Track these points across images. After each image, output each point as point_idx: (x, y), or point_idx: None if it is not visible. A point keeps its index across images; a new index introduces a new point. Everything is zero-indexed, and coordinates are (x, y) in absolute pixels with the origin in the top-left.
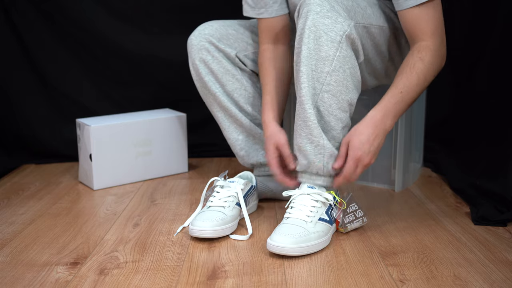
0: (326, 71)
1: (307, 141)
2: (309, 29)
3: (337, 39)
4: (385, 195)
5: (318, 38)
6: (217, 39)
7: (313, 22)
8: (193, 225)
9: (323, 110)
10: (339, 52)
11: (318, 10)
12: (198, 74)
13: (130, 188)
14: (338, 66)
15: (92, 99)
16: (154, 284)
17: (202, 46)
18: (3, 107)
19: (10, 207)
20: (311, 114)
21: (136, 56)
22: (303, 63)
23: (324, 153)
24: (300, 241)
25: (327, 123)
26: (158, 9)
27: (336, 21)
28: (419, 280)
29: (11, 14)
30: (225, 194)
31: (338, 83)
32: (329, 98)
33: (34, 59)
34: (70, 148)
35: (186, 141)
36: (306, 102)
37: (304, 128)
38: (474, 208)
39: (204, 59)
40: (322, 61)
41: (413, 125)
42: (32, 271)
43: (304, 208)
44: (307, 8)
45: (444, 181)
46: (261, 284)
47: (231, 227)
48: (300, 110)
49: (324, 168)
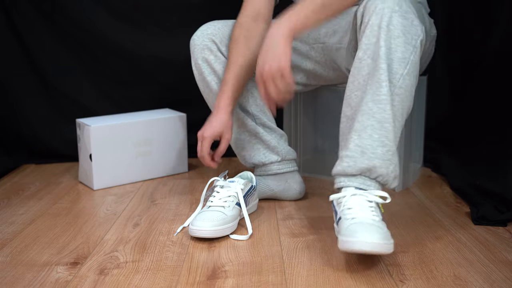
0: (401, 73)
1: (379, 144)
2: (387, 26)
3: (412, 42)
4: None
5: (396, 38)
6: (219, 39)
7: (391, 20)
8: (193, 225)
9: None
10: (413, 56)
11: (397, 9)
12: (201, 73)
13: (130, 188)
14: (411, 71)
15: (92, 99)
16: (154, 284)
17: (205, 46)
18: (3, 107)
19: (10, 207)
20: (390, 116)
21: (136, 56)
22: (383, 60)
23: (392, 161)
24: (386, 237)
25: (395, 129)
26: (158, 9)
27: (412, 24)
28: (419, 280)
29: (12, 15)
30: (225, 194)
31: (407, 88)
32: (399, 102)
33: (34, 59)
34: (70, 148)
35: (186, 141)
36: (386, 101)
37: (378, 129)
38: (474, 208)
39: (207, 58)
40: (398, 62)
41: (413, 125)
42: (32, 271)
43: (364, 208)
44: (383, 5)
45: (444, 181)
46: (261, 284)
47: (231, 227)
48: (375, 109)
49: (386, 176)
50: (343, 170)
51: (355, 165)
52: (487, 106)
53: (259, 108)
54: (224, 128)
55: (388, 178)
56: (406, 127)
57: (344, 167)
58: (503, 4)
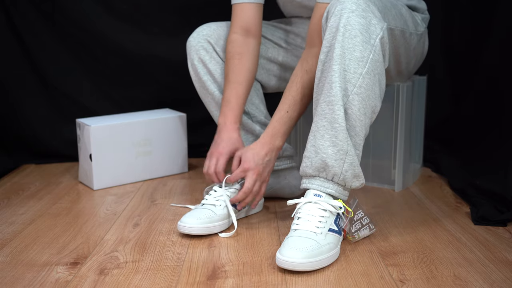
0: (359, 73)
1: (329, 144)
2: (344, 27)
3: (371, 41)
4: (385, 195)
5: (353, 37)
6: (214, 40)
7: (348, 20)
8: (181, 221)
9: (350, 113)
10: (372, 55)
11: (354, 8)
12: (197, 74)
13: (130, 188)
14: (371, 70)
15: (92, 99)
16: (154, 284)
17: (200, 46)
18: (3, 107)
19: (10, 207)
20: (340, 116)
21: (136, 56)
22: (336, 61)
23: (345, 160)
24: (312, 255)
25: (352, 127)
26: (158, 9)
27: (371, 22)
28: (419, 280)
29: (12, 15)
30: (219, 194)
31: (368, 87)
32: (359, 101)
33: (34, 59)
34: (70, 148)
35: (186, 141)
36: (336, 102)
37: (329, 129)
38: (474, 208)
39: (202, 59)
40: (357, 62)
41: (413, 125)
42: (32, 271)
43: (313, 218)
44: (341, 6)
45: (444, 181)
46: (261, 284)
47: (219, 225)
48: (327, 110)
49: (340, 175)
50: (303, 170)
51: (311, 165)
52: (487, 106)
53: (254, 106)
54: (238, 145)
55: (345, 177)
56: (406, 127)
57: (303, 167)
58: (503, 3)
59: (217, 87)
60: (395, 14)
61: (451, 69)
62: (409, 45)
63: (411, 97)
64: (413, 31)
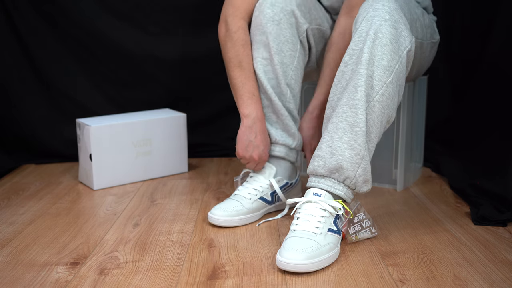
0: (384, 81)
1: (347, 147)
2: (375, 34)
3: (399, 52)
4: (385, 195)
5: (383, 46)
6: (298, 6)
7: (380, 28)
8: (211, 212)
9: (369, 119)
10: (398, 66)
11: (387, 18)
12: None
13: (130, 188)
14: (395, 80)
15: (92, 99)
16: (154, 284)
17: (290, 10)
18: (3, 107)
19: (10, 207)
20: (362, 121)
21: (136, 56)
22: (364, 66)
23: (360, 164)
24: (313, 256)
25: (368, 134)
26: (158, 9)
27: (401, 34)
28: (419, 280)
29: (12, 15)
30: (251, 186)
31: (389, 97)
32: (379, 109)
33: (34, 59)
34: (70, 148)
35: (186, 141)
36: (359, 106)
37: (349, 132)
38: (474, 208)
39: (289, 21)
40: (383, 70)
41: (414, 125)
42: (32, 271)
43: (312, 218)
44: (374, 13)
45: (444, 181)
46: (261, 284)
47: (245, 219)
48: (349, 113)
49: (353, 179)
50: (314, 170)
51: (324, 165)
52: (487, 107)
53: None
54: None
55: (356, 181)
56: (407, 127)
57: (315, 166)
58: (503, 4)
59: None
60: (419, 26)
61: (452, 70)
62: (424, 54)
63: (412, 97)
64: (429, 41)
